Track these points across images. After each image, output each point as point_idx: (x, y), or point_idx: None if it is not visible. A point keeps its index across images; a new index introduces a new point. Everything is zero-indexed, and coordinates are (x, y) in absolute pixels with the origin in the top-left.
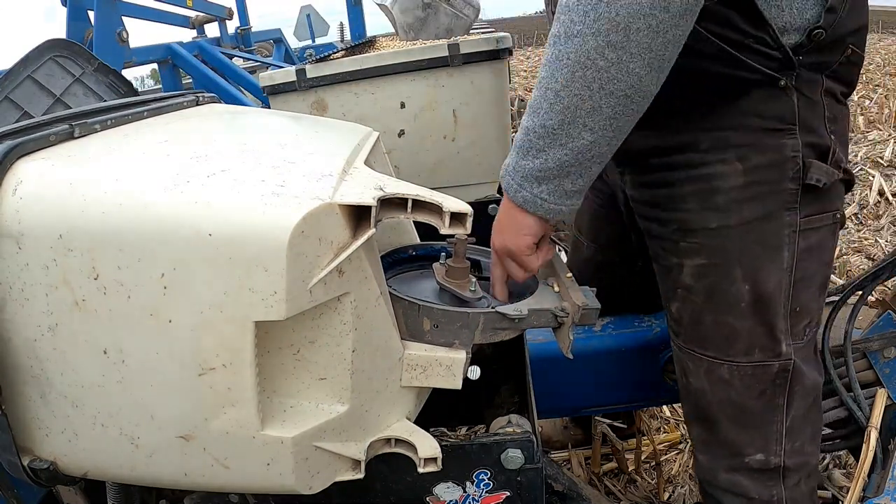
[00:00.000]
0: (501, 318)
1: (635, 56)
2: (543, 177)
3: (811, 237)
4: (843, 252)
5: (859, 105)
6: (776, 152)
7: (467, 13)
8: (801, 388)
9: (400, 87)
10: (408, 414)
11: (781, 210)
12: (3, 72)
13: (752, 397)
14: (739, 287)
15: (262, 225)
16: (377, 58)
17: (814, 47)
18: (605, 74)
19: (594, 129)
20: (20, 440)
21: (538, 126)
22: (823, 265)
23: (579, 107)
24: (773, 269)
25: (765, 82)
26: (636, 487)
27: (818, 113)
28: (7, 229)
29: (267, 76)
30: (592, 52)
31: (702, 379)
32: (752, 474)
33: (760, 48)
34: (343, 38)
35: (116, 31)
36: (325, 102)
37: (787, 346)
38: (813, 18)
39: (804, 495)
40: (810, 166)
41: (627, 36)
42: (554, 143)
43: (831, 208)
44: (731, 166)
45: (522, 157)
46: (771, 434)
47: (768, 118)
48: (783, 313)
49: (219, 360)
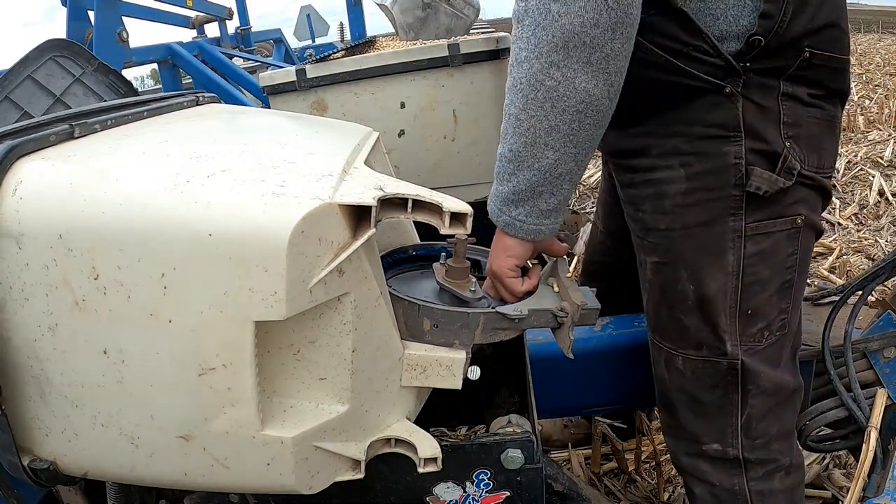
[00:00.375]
0: (501, 318)
1: (578, 72)
2: (518, 199)
3: (762, 242)
4: (844, 252)
5: (859, 105)
6: (718, 159)
7: (467, 13)
8: (757, 388)
9: (400, 87)
10: (408, 414)
11: (725, 216)
12: (3, 72)
13: (705, 389)
14: (685, 286)
15: (262, 225)
16: (377, 58)
17: (759, 53)
18: (553, 93)
19: (555, 147)
20: (20, 440)
21: (507, 151)
22: (782, 270)
23: (537, 127)
24: (717, 273)
25: (709, 90)
26: (636, 487)
27: (771, 119)
28: (7, 229)
29: (267, 76)
30: (539, 74)
31: (662, 367)
32: (711, 461)
33: (700, 56)
34: (343, 38)
35: (116, 31)
36: (325, 102)
37: (733, 347)
38: (749, 25)
39: (777, 491)
40: (751, 173)
41: (567, 54)
42: (522, 165)
43: (788, 214)
44: (676, 172)
45: (499, 182)
46: (726, 427)
47: (711, 126)
48: (728, 314)
49: (219, 360)
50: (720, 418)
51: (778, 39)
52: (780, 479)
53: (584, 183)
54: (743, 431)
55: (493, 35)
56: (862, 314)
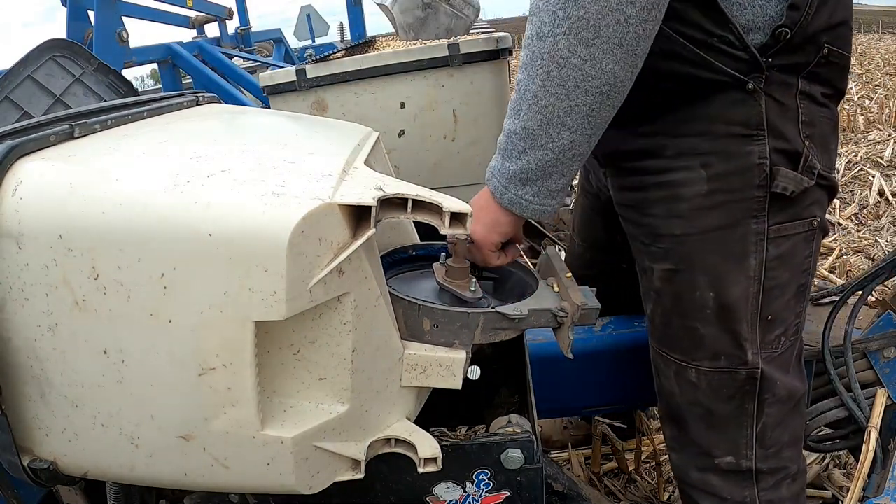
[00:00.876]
0: (501, 318)
1: (607, 52)
2: (527, 178)
3: (783, 245)
4: (844, 252)
5: (859, 105)
6: (742, 159)
7: (467, 13)
8: (773, 396)
9: (400, 87)
10: (408, 414)
11: (748, 218)
12: (3, 72)
13: (720, 401)
14: (704, 294)
15: (262, 225)
16: (377, 58)
17: (783, 48)
18: (579, 72)
19: (573, 128)
20: (20, 440)
21: (518, 128)
22: (798, 273)
23: (557, 106)
24: (739, 278)
25: (732, 85)
26: (636, 487)
27: (790, 117)
28: (7, 229)
29: (267, 76)
30: (565, 51)
31: (672, 380)
32: (723, 475)
33: (725, 48)
34: (343, 38)
35: (116, 31)
36: (325, 102)
37: (754, 355)
38: (776, 16)
39: (784, 499)
40: (777, 173)
41: (598, 32)
42: (535, 143)
43: (806, 215)
44: (695, 173)
45: (506, 159)
46: (741, 438)
47: (734, 124)
48: (749, 321)
49: (219, 360)
50: (733, 430)
51: (802, 33)
52: (787, 486)
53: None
54: (758, 442)
55: (493, 35)
56: (862, 314)
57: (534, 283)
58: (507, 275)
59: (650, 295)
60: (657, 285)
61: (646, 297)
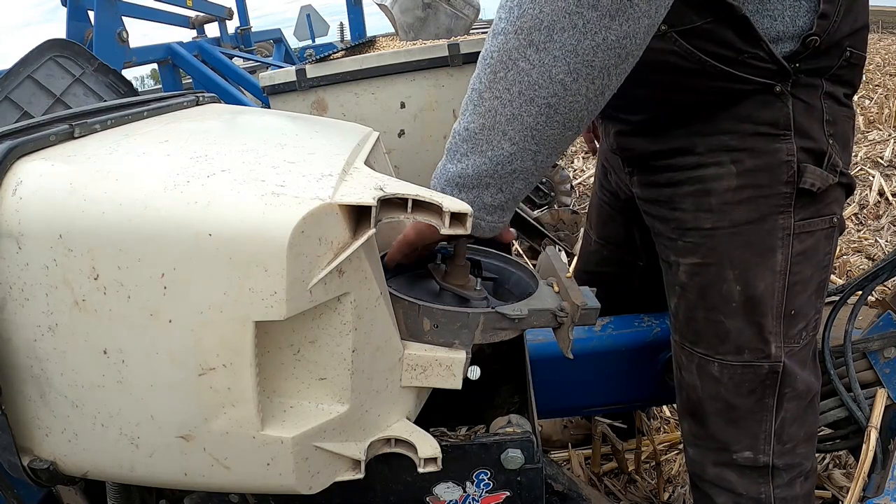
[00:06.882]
0: (501, 318)
1: (559, 59)
2: (463, 184)
3: (806, 241)
4: (843, 252)
5: (859, 105)
6: (770, 156)
7: (467, 13)
8: (792, 390)
9: (400, 87)
10: (408, 414)
11: (775, 213)
12: (3, 72)
13: (742, 395)
14: (731, 287)
15: (262, 225)
16: (377, 58)
17: (810, 54)
18: (525, 77)
19: (514, 140)
20: (20, 440)
21: (462, 129)
22: (819, 269)
23: (499, 111)
24: (766, 272)
25: (760, 90)
26: (636, 487)
27: (816, 117)
28: (7, 229)
29: (267, 76)
30: (514, 52)
31: (693, 374)
32: (740, 470)
33: (755, 63)
34: (343, 38)
35: (116, 31)
36: (325, 102)
37: (777, 349)
38: (806, 26)
39: (798, 497)
40: (805, 170)
41: (550, 36)
42: (475, 148)
43: (827, 212)
44: (726, 169)
45: (448, 159)
46: (759, 433)
47: (761, 124)
48: (774, 315)
49: (219, 360)
50: (753, 425)
51: (829, 40)
52: (800, 484)
53: (584, 183)
54: (775, 437)
55: None
56: (862, 314)
57: (534, 283)
58: (507, 275)
59: (675, 289)
60: (682, 279)
61: (670, 291)
